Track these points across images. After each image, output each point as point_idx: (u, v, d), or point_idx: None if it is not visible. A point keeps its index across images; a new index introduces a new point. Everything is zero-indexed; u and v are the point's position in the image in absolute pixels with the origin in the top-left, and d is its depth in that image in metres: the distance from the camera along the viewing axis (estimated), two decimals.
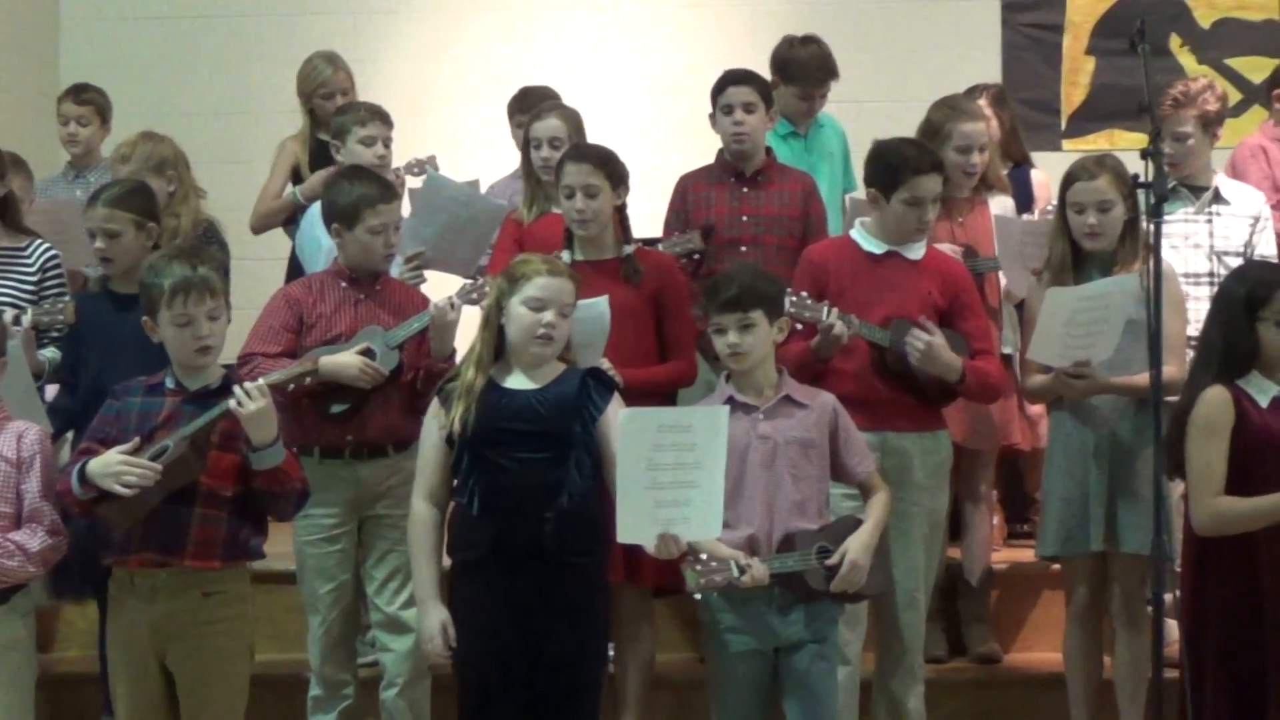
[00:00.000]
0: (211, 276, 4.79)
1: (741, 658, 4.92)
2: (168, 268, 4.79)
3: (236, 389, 4.65)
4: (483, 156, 7.69)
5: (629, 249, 5.60)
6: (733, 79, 6.26)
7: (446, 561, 4.90)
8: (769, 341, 4.99)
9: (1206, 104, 6.39)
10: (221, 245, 6.45)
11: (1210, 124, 6.39)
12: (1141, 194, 5.16)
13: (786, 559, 4.85)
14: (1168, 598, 4.87)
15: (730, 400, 4.97)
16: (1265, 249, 6.32)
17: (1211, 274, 6.20)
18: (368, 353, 5.39)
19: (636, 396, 5.06)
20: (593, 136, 6.24)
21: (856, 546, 4.91)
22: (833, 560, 4.88)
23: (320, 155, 6.99)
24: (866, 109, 7.21)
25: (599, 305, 5.24)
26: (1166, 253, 4.95)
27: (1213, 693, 4.82)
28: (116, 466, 4.61)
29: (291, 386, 5.03)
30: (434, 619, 4.78)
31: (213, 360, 4.83)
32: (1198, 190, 6.36)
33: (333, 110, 6.90)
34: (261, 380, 4.71)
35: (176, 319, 4.74)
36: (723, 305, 4.93)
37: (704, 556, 4.67)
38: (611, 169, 5.54)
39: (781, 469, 4.94)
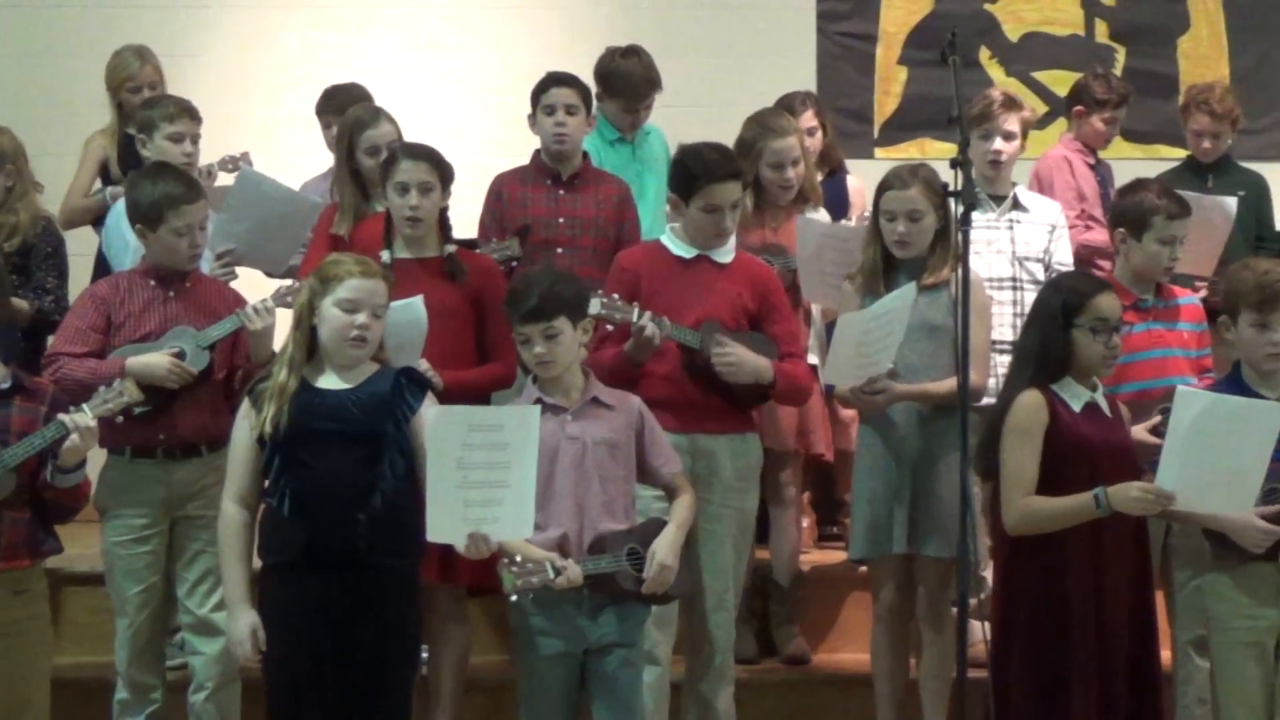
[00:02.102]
0: None
1: (550, 661, 4.92)
2: None
3: (64, 419, 4.72)
4: (298, 155, 7.62)
5: (450, 248, 5.59)
6: (556, 80, 6.31)
7: (257, 564, 4.86)
8: (575, 346, 4.98)
9: (1026, 110, 6.55)
10: (59, 242, 6.42)
11: (1027, 131, 6.54)
12: (951, 202, 5.26)
13: (600, 560, 4.85)
14: (972, 600, 4.97)
15: (538, 403, 4.97)
16: (1061, 256, 6.44)
17: (1014, 279, 6.31)
18: (178, 353, 5.32)
19: (455, 398, 5.07)
20: (407, 136, 6.22)
21: (664, 548, 4.92)
22: (645, 568, 4.89)
23: (129, 150, 6.86)
24: (681, 115, 7.23)
25: (415, 306, 5.21)
26: (971, 259, 5.05)
27: (1018, 691, 4.90)
28: None
29: (120, 417, 4.98)
30: (243, 622, 4.75)
31: None
32: (998, 199, 6.48)
33: (140, 104, 6.81)
34: (91, 415, 4.72)
35: None
36: (525, 316, 4.91)
37: (519, 558, 4.67)
38: (443, 169, 5.56)
39: (590, 470, 4.94)
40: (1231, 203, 6.63)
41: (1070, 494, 4.84)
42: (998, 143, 6.37)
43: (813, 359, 6.32)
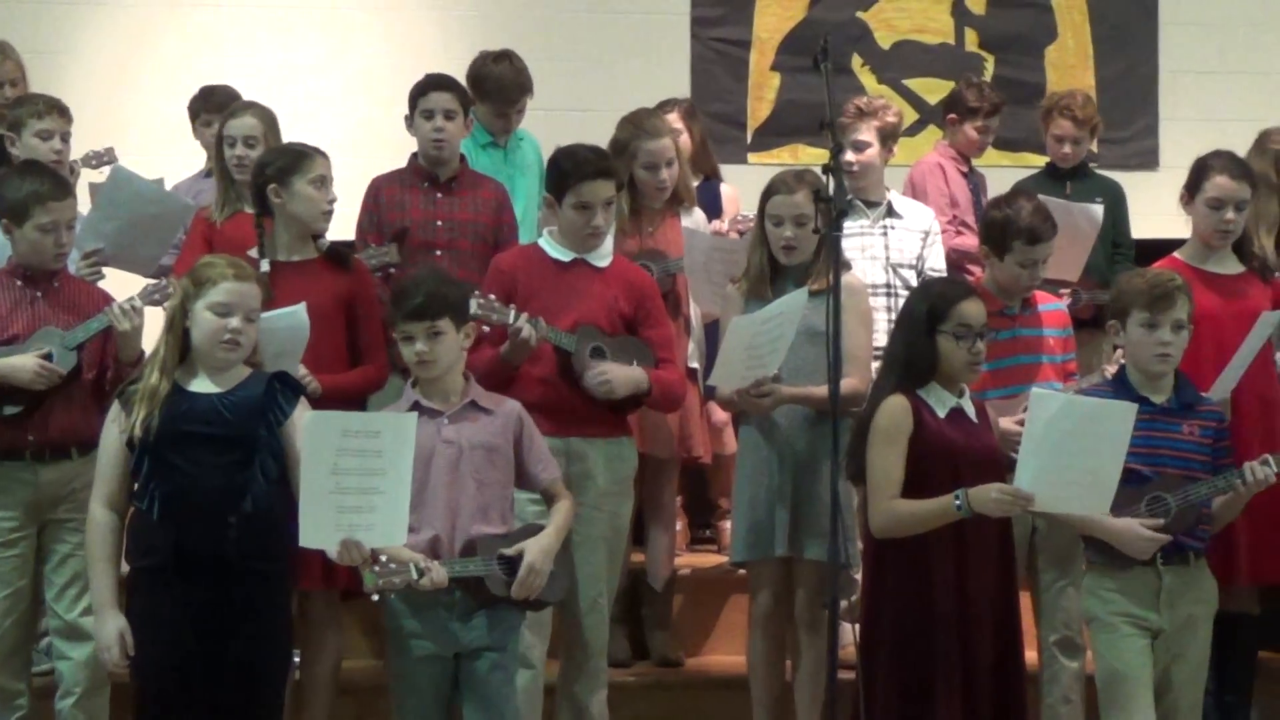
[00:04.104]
0: None
1: (421, 662, 4.91)
2: None
3: None
4: (172, 155, 7.56)
5: (325, 243, 5.58)
6: (435, 84, 6.28)
7: (126, 568, 4.80)
8: (457, 348, 4.99)
9: (886, 116, 6.62)
10: None
11: (888, 138, 6.62)
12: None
13: (467, 563, 4.85)
14: (843, 602, 5.00)
15: (416, 405, 4.97)
16: (935, 262, 6.55)
17: (888, 285, 6.40)
18: (45, 355, 5.25)
19: (330, 402, 5.04)
20: (283, 138, 6.19)
21: (535, 552, 4.93)
22: (510, 553, 4.89)
23: None
24: (556, 118, 7.26)
25: (297, 314, 5.18)
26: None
27: (883, 688, 4.94)
28: None
29: None
30: (111, 627, 4.69)
31: None
32: (873, 205, 6.56)
33: (10, 103, 6.72)
34: None
35: None
36: (409, 314, 4.91)
37: (384, 558, 4.65)
38: None
39: (465, 473, 4.94)
40: (1098, 210, 6.74)
41: (935, 497, 4.90)
42: (848, 154, 6.44)
43: (693, 363, 6.37)
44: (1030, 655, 5.34)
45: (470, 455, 4.96)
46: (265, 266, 5.38)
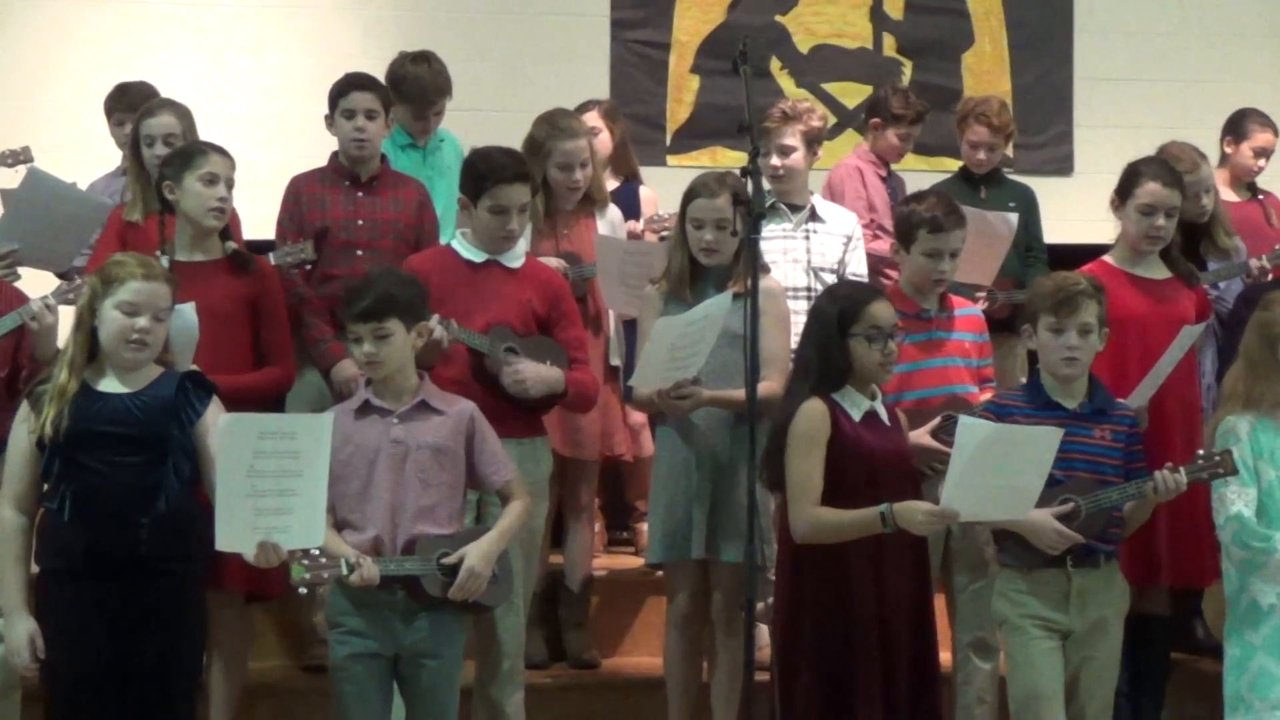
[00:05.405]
0: None
1: (360, 660, 4.89)
2: None
3: None
4: (87, 152, 7.50)
5: (231, 245, 5.54)
6: (356, 84, 6.25)
7: (36, 570, 4.75)
8: (407, 348, 4.97)
9: (811, 120, 6.63)
10: None
11: (813, 142, 6.62)
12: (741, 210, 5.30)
13: (404, 562, 4.83)
14: (759, 604, 5.01)
15: (366, 404, 4.96)
16: (856, 267, 6.57)
17: (809, 289, 6.40)
18: None
19: (231, 404, 4.99)
20: (202, 136, 6.15)
21: (476, 554, 4.90)
22: (450, 560, 4.87)
23: None
24: (475, 119, 7.24)
25: (184, 313, 5.12)
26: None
27: (803, 694, 4.95)
28: None
29: None
30: (21, 630, 4.64)
31: None
32: (796, 209, 6.58)
33: None
34: None
35: None
36: (357, 315, 4.89)
37: (314, 552, 4.63)
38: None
39: (411, 473, 4.92)
40: (1014, 218, 6.79)
41: (852, 501, 4.90)
42: (773, 158, 6.48)
43: (614, 360, 6.36)
44: (944, 656, 5.38)
45: (417, 455, 4.93)
46: (165, 262, 5.33)
